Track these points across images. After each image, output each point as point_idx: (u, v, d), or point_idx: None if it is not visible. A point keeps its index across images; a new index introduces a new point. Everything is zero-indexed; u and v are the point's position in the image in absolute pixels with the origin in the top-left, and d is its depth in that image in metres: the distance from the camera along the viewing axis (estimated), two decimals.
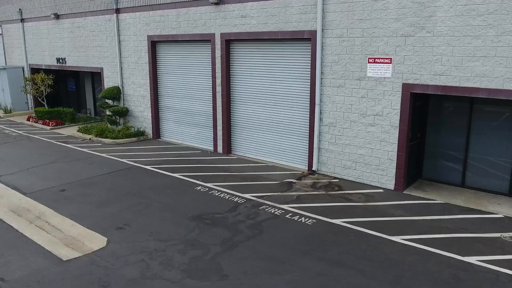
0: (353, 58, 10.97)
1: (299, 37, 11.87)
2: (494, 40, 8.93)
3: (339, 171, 11.77)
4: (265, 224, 8.82)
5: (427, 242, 7.98)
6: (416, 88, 10.09)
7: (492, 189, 10.59)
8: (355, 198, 10.31)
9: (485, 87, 9.15)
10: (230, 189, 10.91)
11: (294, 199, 10.23)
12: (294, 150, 12.90)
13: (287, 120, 12.87)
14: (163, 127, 16.82)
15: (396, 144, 10.61)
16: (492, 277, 6.82)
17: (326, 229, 8.61)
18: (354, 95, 11.12)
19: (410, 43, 10.01)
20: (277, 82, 12.85)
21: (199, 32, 14.26)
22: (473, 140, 10.76)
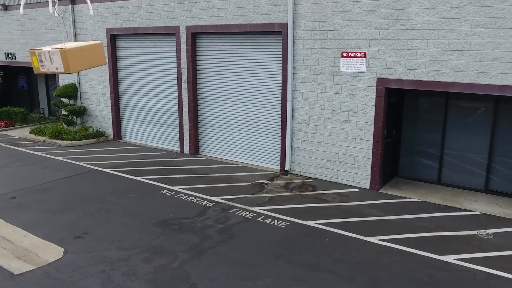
0: (326, 52, 11.09)
1: (269, 30, 11.90)
2: (469, 34, 9.22)
3: (313, 170, 11.88)
4: (235, 228, 8.79)
5: (404, 242, 8.15)
6: (391, 83, 10.29)
7: (468, 186, 10.93)
8: (329, 199, 10.42)
9: (460, 81, 9.43)
10: (198, 192, 10.82)
11: (266, 201, 10.25)
12: (266, 149, 12.93)
13: (258, 117, 12.89)
14: (125, 127, 16.52)
15: (371, 142, 10.79)
16: (469, 276, 7.03)
17: (300, 231, 8.66)
18: (327, 91, 11.24)
19: (384, 37, 10.20)
20: (247, 77, 12.85)
21: (162, 25, 14.09)
22: (449, 136, 11.07)
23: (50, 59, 4.87)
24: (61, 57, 4.76)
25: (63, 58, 4.77)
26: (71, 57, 4.85)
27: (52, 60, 4.86)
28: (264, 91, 12.59)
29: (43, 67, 5.00)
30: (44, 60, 4.92)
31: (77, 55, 4.99)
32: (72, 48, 4.90)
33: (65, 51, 4.77)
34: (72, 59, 4.85)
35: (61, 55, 4.77)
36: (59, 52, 4.77)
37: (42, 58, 4.93)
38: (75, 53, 4.96)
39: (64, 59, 4.76)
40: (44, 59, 4.91)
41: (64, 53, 4.76)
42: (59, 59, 4.78)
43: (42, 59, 4.94)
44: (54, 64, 4.88)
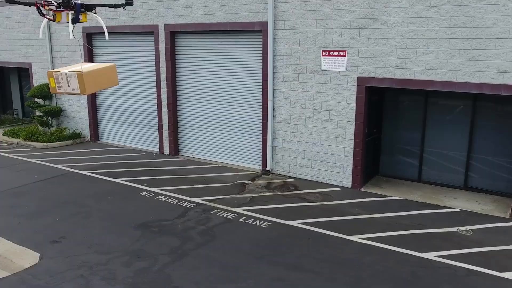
0: (307, 51, 11.14)
1: (249, 28, 11.89)
2: (447, 32, 9.38)
3: (295, 170, 11.92)
4: (217, 230, 8.76)
5: (385, 240, 8.24)
6: (372, 82, 10.40)
7: (448, 183, 11.13)
8: (311, 198, 10.47)
9: (439, 79, 9.59)
10: (178, 194, 10.74)
11: (247, 202, 10.24)
12: (247, 149, 12.92)
13: (239, 117, 12.87)
14: (102, 128, 16.29)
15: (353, 140, 10.89)
16: (450, 273, 7.16)
17: (282, 231, 8.68)
18: (308, 90, 11.29)
19: (364, 35, 10.30)
20: (228, 77, 12.81)
21: (140, 24, 13.94)
22: (429, 134, 11.25)
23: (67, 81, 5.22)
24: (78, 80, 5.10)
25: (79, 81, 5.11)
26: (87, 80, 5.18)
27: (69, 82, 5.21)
28: (245, 90, 12.58)
29: (60, 88, 5.31)
30: (61, 82, 5.26)
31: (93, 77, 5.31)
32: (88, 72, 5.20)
33: (81, 74, 5.10)
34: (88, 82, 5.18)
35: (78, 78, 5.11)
36: (76, 75, 5.11)
37: (59, 79, 5.27)
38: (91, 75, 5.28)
39: (81, 82, 5.10)
40: (61, 81, 5.26)
41: (81, 76, 5.09)
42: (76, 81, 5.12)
43: (59, 80, 5.28)
44: (70, 86, 5.22)
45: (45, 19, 5.67)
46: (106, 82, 5.73)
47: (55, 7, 5.31)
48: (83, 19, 5.83)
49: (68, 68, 5.45)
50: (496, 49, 8.94)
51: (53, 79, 5.25)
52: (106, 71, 5.63)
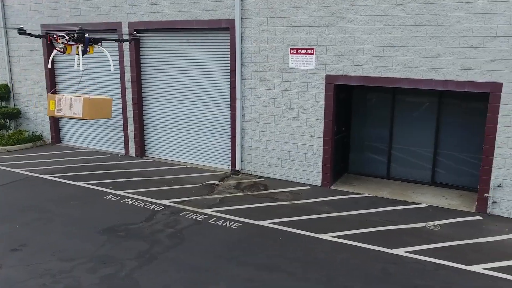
0: (275, 49, 11.16)
1: (216, 26, 11.82)
2: (413, 30, 9.58)
3: (264, 169, 11.93)
4: (186, 232, 8.65)
5: (356, 238, 8.34)
6: (340, 80, 10.51)
7: (416, 179, 11.39)
8: (282, 197, 10.50)
9: (406, 77, 9.79)
10: (145, 196, 10.56)
11: (217, 202, 10.17)
12: (216, 149, 12.84)
13: (207, 116, 12.77)
14: (64, 130, 15.84)
15: (322, 139, 10.98)
16: (419, 268, 7.31)
17: (253, 232, 8.66)
18: (277, 88, 11.32)
19: (332, 33, 10.40)
20: (195, 75, 12.69)
21: (103, 21, 13.63)
22: (397, 131, 11.48)
23: (70, 104, 5.61)
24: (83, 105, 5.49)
25: (84, 106, 5.51)
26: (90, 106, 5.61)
27: (71, 106, 5.61)
28: (213, 89, 12.49)
29: (59, 111, 5.67)
30: (62, 105, 5.65)
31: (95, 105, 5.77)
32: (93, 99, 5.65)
33: (88, 100, 5.57)
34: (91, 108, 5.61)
35: (83, 103, 5.53)
36: (82, 100, 5.55)
37: (61, 103, 5.65)
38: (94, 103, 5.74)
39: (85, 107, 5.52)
40: (63, 104, 5.66)
41: (87, 102, 5.53)
42: (80, 106, 5.53)
43: (61, 104, 5.66)
44: (72, 110, 5.63)
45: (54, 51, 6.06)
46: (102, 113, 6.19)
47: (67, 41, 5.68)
48: (90, 51, 6.13)
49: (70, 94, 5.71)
50: (460, 46, 9.21)
51: (54, 102, 5.55)
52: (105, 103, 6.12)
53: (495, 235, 8.49)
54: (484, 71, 9.06)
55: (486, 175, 9.36)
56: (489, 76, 9.04)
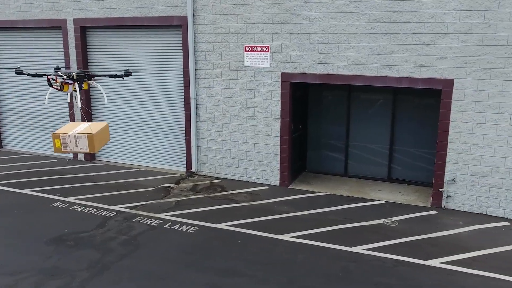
0: (229, 46, 11.04)
1: (168, 23, 11.55)
2: (367, 27, 9.73)
3: (221, 170, 11.79)
4: (141, 238, 8.39)
5: (316, 237, 8.37)
6: (296, 77, 10.54)
7: (373, 176, 11.60)
8: (239, 198, 10.40)
9: (361, 74, 9.93)
10: (96, 202, 10.16)
11: (172, 206, 9.94)
12: (170, 150, 12.57)
13: (160, 117, 12.48)
14: (6, 134, 15.03)
15: (279, 137, 10.97)
16: (379, 265, 7.41)
17: (210, 235, 8.51)
18: (232, 87, 11.20)
19: (287, 30, 10.40)
20: (146, 75, 12.36)
21: (46, 18, 13.02)
22: (353, 128, 11.65)
23: (75, 141, 5.94)
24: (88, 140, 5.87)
25: (89, 141, 5.88)
26: (96, 140, 5.97)
27: (77, 143, 5.94)
28: (166, 88, 12.22)
29: (65, 148, 6.03)
30: (68, 143, 5.97)
31: (99, 137, 6.13)
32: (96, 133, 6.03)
33: (92, 136, 5.89)
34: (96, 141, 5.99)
35: (88, 139, 5.87)
36: (87, 137, 5.87)
37: (66, 141, 5.95)
38: (98, 136, 6.08)
39: (91, 142, 5.90)
40: (69, 142, 5.96)
41: (91, 137, 5.87)
42: (86, 141, 5.88)
43: (66, 141, 5.96)
44: (78, 146, 5.98)
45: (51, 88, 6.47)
46: (105, 139, 6.55)
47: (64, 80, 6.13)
48: (84, 86, 6.46)
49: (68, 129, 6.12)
50: (413, 43, 9.43)
51: (59, 140, 5.89)
52: (105, 130, 6.47)
53: (450, 228, 8.76)
54: (436, 67, 9.33)
55: (440, 170, 9.65)
56: (441, 73, 9.31)
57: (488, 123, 9.11)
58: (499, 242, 8.20)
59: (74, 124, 6.51)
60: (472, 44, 9.00)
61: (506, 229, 8.80)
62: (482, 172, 9.32)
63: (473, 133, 9.26)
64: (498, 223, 9.04)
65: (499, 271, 7.17)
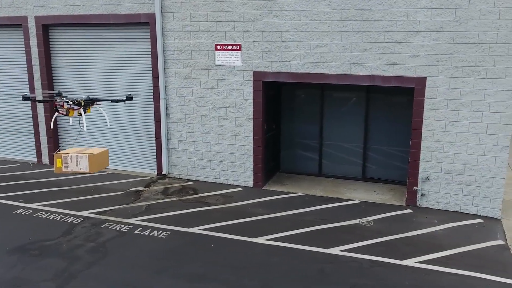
0: (199, 45, 10.87)
1: (135, 21, 11.31)
2: (339, 25, 9.73)
3: (193, 172, 11.60)
4: (109, 245, 8.13)
5: (291, 239, 8.30)
6: (268, 76, 10.46)
7: (348, 175, 11.63)
8: (212, 201, 10.25)
9: (334, 72, 9.92)
10: (62, 208, 9.83)
11: (143, 211, 9.71)
12: (140, 153, 12.31)
13: (129, 118, 12.20)
14: None
15: (252, 138, 10.87)
16: (356, 266, 7.40)
17: (183, 240, 8.33)
18: (203, 86, 11.04)
19: (258, 28, 10.31)
20: (114, 74, 12.07)
21: (5, 15, 12.54)
22: (327, 127, 11.66)
23: (76, 161, 6.31)
24: (89, 161, 6.25)
25: (90, 161, 6.26)
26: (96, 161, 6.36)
27: (78, 162, 6.30)
28: (134, 88, 11.94)
29: (66, 167, 6.37)
30: (69, 162, 6.33)
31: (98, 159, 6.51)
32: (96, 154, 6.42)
33: (93, 156, 6.30)
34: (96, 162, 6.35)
35: (89, 159, 6.27)
36: (88, 157, 6.29)
37: (68, 160, 6.33)
38: (97, 157, 6.48)
39: (91, 162, 6.27)
40: (70, 162, 6.34)
41: (92, 158, 6.26)
42: (86, 162, 6.26)
43: (67, 161, 6.34)
44: (79, 166, 6.32)
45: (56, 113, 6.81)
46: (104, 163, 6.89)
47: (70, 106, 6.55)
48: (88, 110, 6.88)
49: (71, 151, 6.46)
50: (385, 41, 9.48)
51: (61, 160, 6.28)
52: (105, 154, 6.85)
53: (425, 227, 8.84)
54: (409, 65, 9.40)
55: (414, 168, 9.74)
56: (414, 71, 9.39)
57: (460, 120, 9.24)
58: (473, 239, 8.31)
59: (76, 149, 6.98)
60: (443, 42, 9.10)
61: (480, 226, 8.94)
62: (456, 170, 9.45)
63: (446, 131, 9.37)
64: (471, 220, 9.18)
65: (474, 269, 7.26)
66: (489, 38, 8.80)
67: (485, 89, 8.98)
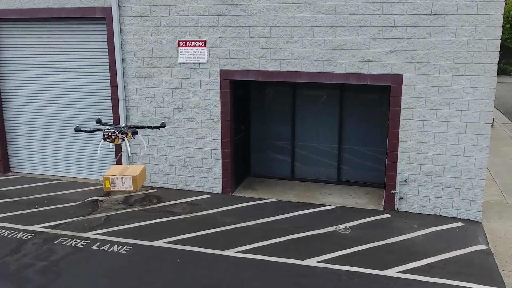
0: (161, 41, 10.39)
1: (89, 15, 10.73)
2: (311, 20, 9.43)
3: (157, 178, 11.11)
4: (63, 264, 7.59)
5: (264, 251, 7.96)
6: (236, 75, 10.08)
7: (322, 179, 11.38)
8: (178, 210, 9.81)
9: (306, 70, 9.62)
10: (10, 222, 9.18)
11: (101, 223, 9.17)
12: (98, 159, 11.70)
13: (85, 121, 11.56)
14: None
15: (220, 141, 10.49)
16: (334, 278, 7.12)
17: (146, 255, 7.87)
18: (165, 86, 10.56)
19: (224, 23, 9.91)
20: (68, 74, 11.44)
21: None
22: (299, 128, 11.37)
23: (122, 182, 7.16)
24: (132, 181, 7.13)
25: (133, 181, 7.14)
26: (138, 180, 7.25)
27: (123, 183, 7.16)
28: (90, 89, 11.37)
29: (114, 187, 7.20)
30: (116, 183, 7.17)
31: (140, 177, 7.37)
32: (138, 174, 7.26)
33: (136, 177, 7.16)
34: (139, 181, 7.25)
35: (132, 180, 7.13)
36: (131, 178, 7.14)
37: (115, 182, 7.17)
38: (139, 176, 7.33)
39: (134, 182, 7.15)
40: (117, 182, 7.18)
41: (135, 178, 7.15)
42: (130, 182, 7.13)
43: (114, 182, 7.17)
44: (124, 185, 7.16)
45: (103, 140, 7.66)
46: (143, 178, 7.68)
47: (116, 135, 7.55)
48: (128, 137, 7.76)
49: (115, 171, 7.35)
50: (360, 37, 9.24)
51: (109, 181, 7.14)
52: (143, 171, 7.69)
53: (405, 233, 8.65)
54: (385, 62, 9.19)
55: (392, 170, 9.55)
56: (390, 68, 9.19)
57: (439, 120, 9.10)
58: (455, 245, 8.17)
59: (118, 167, 7.79)
60: (420, 37, 8.93)
61: (461, 230, 8.82)
62: (434, 172, 9.30)
63: (424, 131, 9.22)
64: (452, 224, 9.05)
65: (458, 277, 7.09)
66: (467, 33, 8.68)
67: (464, 86, 8.86)
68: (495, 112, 20.49)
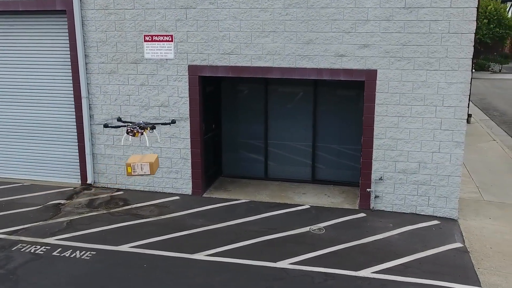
0: (125, 36, 10.26)
1: (49, 8, 10.55)
2: (282, 13, 9.44)
3: (123, 180, 10.98)
4: (21, 272, 7.42)
5: (236, 254, 7.94)
6: (205, 71, 10.02)
7: (296, 178, 11.42)
8: (146, 213, 9.71)
9: (277, 65, 9.63)
10: None
11: (63, 228, 9.02)
12: (60, 160, 11.52)
13: (46, 121, 11.38)
14: None
15: (189, 140, 10.43)
16: (307, 280, 7.15)
17: (110, 261, 7.76)
18: (131, 83, 10.44)
19: (192, 17, 9.84)
20: (25, 70, 11.21)
21: None
22: (272, 126, 11.38)
23: (141, 168, 8.03)
24: (149, 167, 8.01)
25: (150, 167, 8.02)
26: (154, 165, 8.12)
27: (142, 168, 8.03)
28: (50, 86, 11.16)
29: (134, 172, 8.08)
30: (136, 169, 8.03)
31: (155, 164, 8.22)
32: (154, 161, 8.12)
33: (152, 163, 8.04)
34: (154, 166, 8.10)
35: (149, 166, 8.01)
36: (149, 164, 8.01)
37: (135, 168, 8.04)
38: (155, 163, 8.21)
39: (151, 167, 8.03)
40: (137, 168, 8.04)
41: (152, 164, 8.03)
42: (148, 167, 8.00)
43: (135, 168, 8.04)
44: (143, 170, 8.04)
45: (125, 134, 8.52)
46: (157, 165, 8.45)
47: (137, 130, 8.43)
48: (145, 132, 8.56)
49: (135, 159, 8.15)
50: (332, 31, 9.29)
51: (131, 167, 8.02)
52: (157, 159, 8.46)
53: (380, 232, 8.74)
54: (358, 57, 9.27)
55: (367, 168, 9.64)
56: (363, 63, 9.27)
57: (413, 116, 9.22)
58: (430, 243, 8.30)
59: (136, 156, 8.48)
60: (394, 31, 9.04)
61: (437, 228, 8.97)
62: (410, 169, 9.43)
63: (399, 128, 9.33)
64: (428, 222, 9.19)
65: (434, 276, 7.20)
66: (441, 27, 8.82)
67: (438, 81, 9.00)
68: (473, 108, 20.94)
